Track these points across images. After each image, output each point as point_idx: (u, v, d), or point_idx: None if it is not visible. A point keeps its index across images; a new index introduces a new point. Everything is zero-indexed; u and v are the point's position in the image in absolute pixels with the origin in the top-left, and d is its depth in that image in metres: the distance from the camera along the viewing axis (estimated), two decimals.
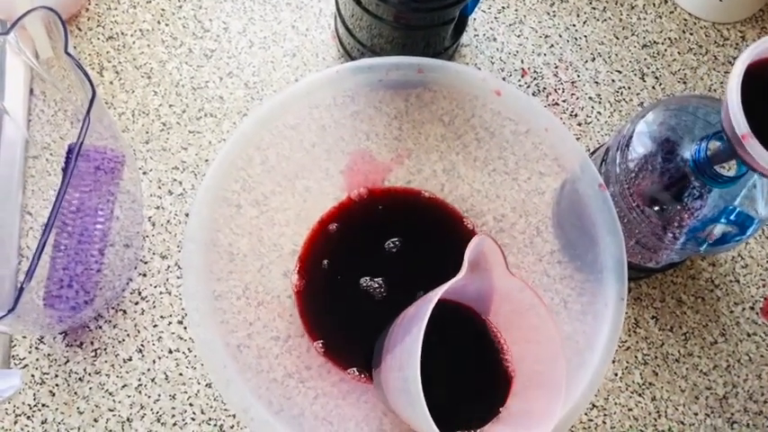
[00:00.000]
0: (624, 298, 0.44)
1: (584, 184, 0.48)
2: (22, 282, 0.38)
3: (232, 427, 0.53)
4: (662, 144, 0.47)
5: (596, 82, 0.65)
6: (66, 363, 0.53)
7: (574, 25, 0.67)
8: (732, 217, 0.46)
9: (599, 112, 0.63)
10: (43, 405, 0.52)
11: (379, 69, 0.51)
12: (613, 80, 0.65)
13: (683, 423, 0.55)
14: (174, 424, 0.52)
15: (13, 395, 0.50)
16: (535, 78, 0.64)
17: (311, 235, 0.57)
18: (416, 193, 0.59)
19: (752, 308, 0.59)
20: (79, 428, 0.52)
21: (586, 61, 0.65)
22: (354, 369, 0.53)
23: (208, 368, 0.44)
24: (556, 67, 0.65)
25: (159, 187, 0.58)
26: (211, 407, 0.53)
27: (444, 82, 0.52)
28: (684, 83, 0.65)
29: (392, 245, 0.57)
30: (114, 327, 0.54)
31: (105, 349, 0.54)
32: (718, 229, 0.46)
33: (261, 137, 0.50)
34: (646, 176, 0.47)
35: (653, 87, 0.65)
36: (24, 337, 0.53)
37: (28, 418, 0.52)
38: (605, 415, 0.55)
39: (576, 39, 0.66)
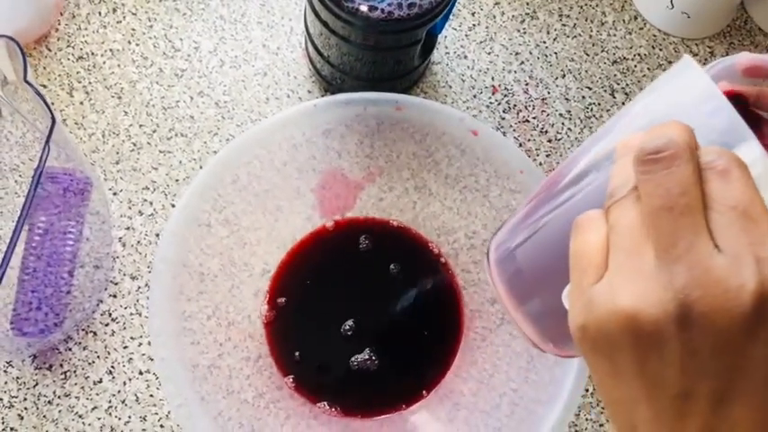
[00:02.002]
0: None
1: None
2: None
3: None
4: None
5: (566, 98, 0.65)
6: (35, 386, 0.53)
7: (544, 42, 0.67)
8: None
9: (569, 129, 0.64)
10: (12, 429, 0.51)
11: (358, 104, 0.52)
12: (583, 96, 0.65)
13: None
14: None
15: None
16: (506, 95, 0.64)
17: (282, 262, 0.57)
18: (384, 222, 0.59)
19: None
20: None
21: (557, 78, 0.66)
22: (325, 403, 0.53)
23: (170, 407, 0.44)
24: (526, 84, 0.65)
25: (129, 208, 0.58)
26: (183, 428, 0.53)
27: (422, 120, 0.53)
28: None
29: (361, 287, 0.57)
30: (84, 349, 0.54)
31: (75, 371, 0.53)
32: None
33: (233, 160, 0.51)
34: None
35: (623, 103, 0.66)
36: None
37: None
38: (576, 431, 0.55)
39: (546, 56, 0.67)
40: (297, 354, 0.54)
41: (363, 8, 0.50)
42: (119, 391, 0.53)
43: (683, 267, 0.23)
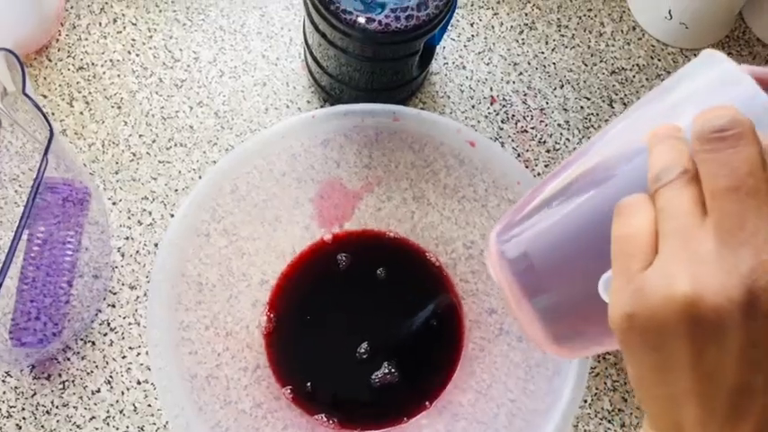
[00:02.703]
0: None
1: None
2: None
3: None
4: None
5: (565, 109, 0.65)
6: (33, 395, 0.53)
7: (542, 53, 0.67)
8: None
9: (568, 139, 0.64)
10: None
11: (355, 116, 0.52)
12: (582, 107, 0.66)
13: None
14: None
15: None
16: (504, 106, 0.65)
17: (282, 274, 0.57)
18: (381, 235, 0.59)
19: None
20: None
21: (555, 88, 0.66)
22: (323, 415, 0.53)
23: (168, 417, 0.44)
24: (525, 95, 0.65)
25: (128, 218, 0.58)
26: None
27: (420, 130, 0.53)
28: None
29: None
30: (83, 358, 0.54)
31: (73, 381, 0.53)
32: None
33: (232, 170, 0.51)
34: None
35: (621, 114, 0.66)
36: None
37: None
38: None
39: (544, 66, 0.67)
40: (308, 384, 0.53)
41: (361, 20, 0.50)
42: (117, 401, 0.53)
43: (749, 251, 0.21)
